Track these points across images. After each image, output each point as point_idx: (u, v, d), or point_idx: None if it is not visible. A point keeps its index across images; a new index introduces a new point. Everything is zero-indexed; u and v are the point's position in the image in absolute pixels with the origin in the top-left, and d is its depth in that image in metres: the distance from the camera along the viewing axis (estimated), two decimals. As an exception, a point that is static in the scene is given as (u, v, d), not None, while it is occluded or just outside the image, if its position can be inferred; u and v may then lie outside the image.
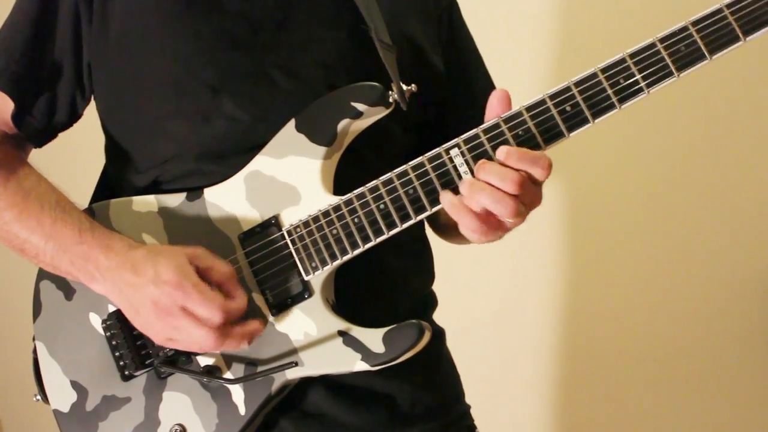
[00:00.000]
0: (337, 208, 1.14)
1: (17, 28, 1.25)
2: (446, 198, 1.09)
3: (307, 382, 1.19)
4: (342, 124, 1.16)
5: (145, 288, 1.10)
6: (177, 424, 1.17)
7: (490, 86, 1.42)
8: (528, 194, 1.06)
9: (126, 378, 1.20)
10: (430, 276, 1.37)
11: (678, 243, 2.17)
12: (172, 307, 1.08)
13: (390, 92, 1.17)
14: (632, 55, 1.07)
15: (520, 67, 2.15)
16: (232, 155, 1.20)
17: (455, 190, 1.09)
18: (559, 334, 2.29)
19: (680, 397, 2.21)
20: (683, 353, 2.19)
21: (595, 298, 2.26)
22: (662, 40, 1.06)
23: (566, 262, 2.26)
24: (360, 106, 1.16)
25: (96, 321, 1.22)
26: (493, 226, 1.08)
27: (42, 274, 1.26)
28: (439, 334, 1.37)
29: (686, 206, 2.15)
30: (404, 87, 1.18)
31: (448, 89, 1.35)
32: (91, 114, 1.31)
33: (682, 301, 2.18)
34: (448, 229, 1.39)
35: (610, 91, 1.07)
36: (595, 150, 1.07)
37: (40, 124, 1.27)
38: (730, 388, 2.18)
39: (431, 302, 1.37)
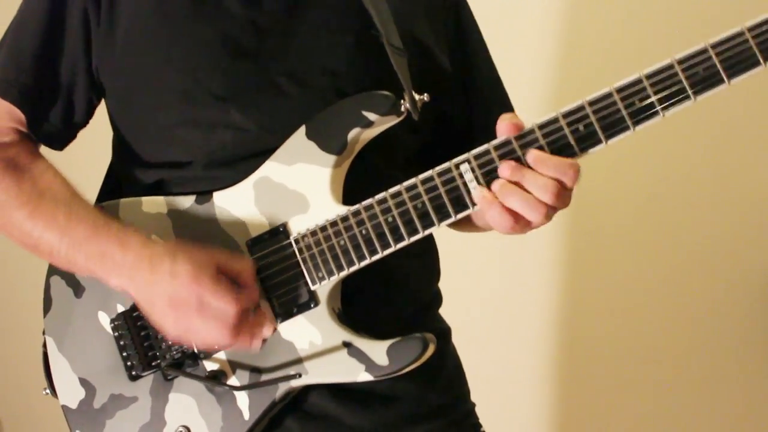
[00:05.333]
0: (345, 219, 1.14)
1: (26, 36, 1.23)
2: (479, 192, 1.08)
3: (312, 385, 1.19)
4: (353, 133, 1.15)
5: (162, 282, 1.10)
6: (182, 426, 1.19)
7: (496, 83, 1.40)
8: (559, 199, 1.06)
9: (133, 378, 1.21)
10: (435, 274, 1.37)
11: (679, 242, 2.16)
12: (189, 299, 1.09)
13: (402, 101, 1.15)
14: (649, 76, 1.04)
15: (525, 76, 2.12)
16: (240, 162, 1.19)
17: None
18: (561, 332, 2.29)
19: (682, 396, 2.21)
20: (684, 353, 2.19)
21: (597, 297, 2.26)
22: (680, 61, 1.04)
23: (568, 261, 2.26)
24: (371, 116, 1.14)
25: (105, 320, 1.23)
26: (520, 223, 1.09)
27: (52, 270, 1.27)
28: (445, 332, 1.36)
29: (687, 206, 2.14)
30: (416, 96, 1.16)
31: (453, 87, 1.33)
32: (98, 111, 1.31)
33: (683, 300, 2.18)
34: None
35: (624, 112, 1.05)
36: (593, 151, 1.07)
37: (58, 129, 1.27)
38: (731, 388, 2.18)
39: (437, 300, 1.37)
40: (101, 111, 1.31)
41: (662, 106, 1.04)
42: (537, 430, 2.35)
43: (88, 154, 1.54)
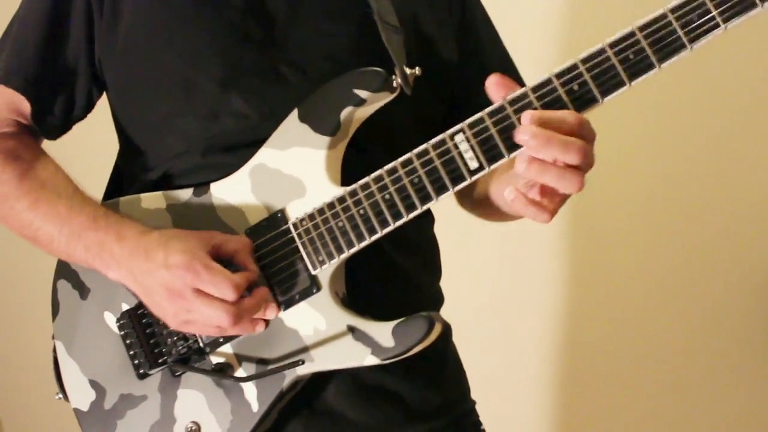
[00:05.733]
0: (342, 200, 1.11)
1: (30, 27, 1.24)
2: (510, 193, 1.02)
3: (316, 381, 1.17)
4: (345, 112, 1.13)
5: (157, 272, 1.09)
6: (192, 422, 1.17)
7: (509, 67, 1.36)
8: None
9: (141, 376, 1.20)
10: (436, 272, 1.34)
11: (680, 242, 2.13)
12: (184, 289, 1.07)
13: (393, 77, 1.13)
14: (642, 28, 1.01)
15: (528, 46, 2.09)
16: (239, 150, 1.18)
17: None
18: (562, 331, 2.26)
19: (683, 396, 2.18)
20: (685, 352, 2.16)
21: (598, 296, 2.23)
22: (673, 10, 1.00)
23: (569, 260, 2.24)
24: (363, 93, 1.12)
25: (111, 320, 1.22)
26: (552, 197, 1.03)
27: (59, 273, 1.27)
28: (445, 331, 1.33)
29: (687, 206, 2.11)
30: (408, 71, 1.14)
31: (461, 74, 1.30)
32: (104, 108, 1.31)
33: (684, 300, 2.15)
34: (484, 204, 1.33)
35: (619, 68, 1.01)
36: (596, 149, 1.03)
37: (59, 121, 1.27)
38: (732, 388, 2.14)
39: (438, 299, 1.34)
40: (107, 111, 1.31)
41: (658, 57, 1.00)
42: (537, 429, 2.32)
43: (94, 152, 1.54)
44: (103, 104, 1.31)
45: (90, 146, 1.53)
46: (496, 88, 1.03)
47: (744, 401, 2.14)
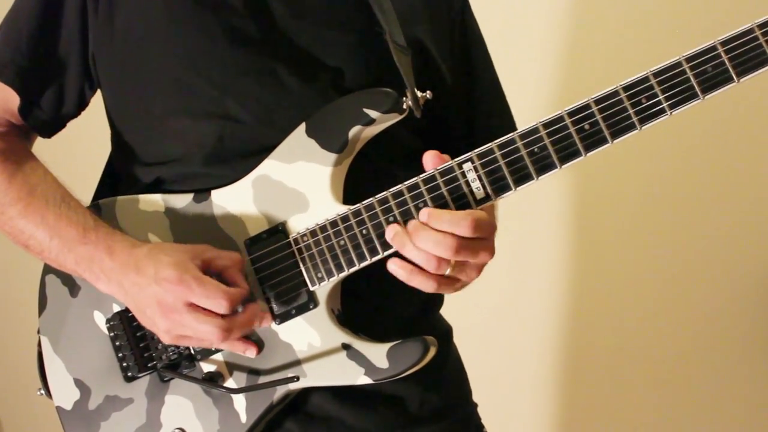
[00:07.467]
0: (345, 219, 1.12)
1: (23, 18, 1.22)
2: (391, 230, 1.08)
3: (313, 386, 1.17)
4: (354, 131, 1.13)
5: (148, 287, 1.08)
6: (178, 428, 1.17)
7: (498, 94, 1.37)
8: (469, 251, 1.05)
9: (128, 379, 1.19)
10: None
11: (680, 243, 2.15)
12: (177, 303, 1.07)
13: (404, 99, 1.13)
14: (656, 74, 1.02)
15: (529, 75, 2.11)
16: (237, 159, 1.17)
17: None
18: (563, 332, 2.28)
19: (684, 397, 2.20)
20: (686, 353, 2.19)
21: (599, 297, 2.25)
22: (689, 59, 1.01)
23: (570, 261, 2.25)
24: (373, 113, 1.12)
25: (100, 319, 1.21)
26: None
27: (48, 268, 1.25)
28: (446, 332, 1.35)
29: (688, 206, 2.14)
30: (419, 94, 1.14)
31: (453, 97, 1.30)
32: (96, 103, 1.29)
33: (685, 301, 2.17)
34: None
35: (630, 111, 1.03)
36: (599, 150, 1.06)
37: (48, 116, 1.24)
38: (732, 388, 2.17)
39: (437, 300, 1.35)
40: (101, 106, 1.29)
41: (669, 103, 1.02)
42: (539, 430, 2.33)
43: (88, 148, 1.52)
44: (94, 100, 1.29)
45: (80, 145, 1.50)
46: (431, 161, 1.08)
47: (745, 401, 2.16)
